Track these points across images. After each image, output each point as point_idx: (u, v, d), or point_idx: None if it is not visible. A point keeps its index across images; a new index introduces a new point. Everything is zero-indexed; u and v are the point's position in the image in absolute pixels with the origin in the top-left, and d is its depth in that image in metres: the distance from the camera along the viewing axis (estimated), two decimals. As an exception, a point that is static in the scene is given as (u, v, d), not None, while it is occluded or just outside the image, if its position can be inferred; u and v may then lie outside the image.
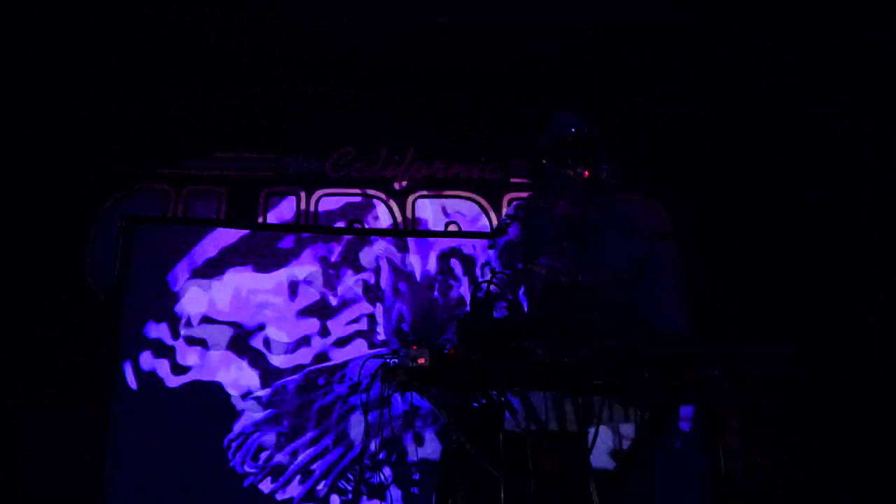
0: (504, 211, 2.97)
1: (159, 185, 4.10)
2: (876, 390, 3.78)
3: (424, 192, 4.24)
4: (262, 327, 3.73)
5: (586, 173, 2.64)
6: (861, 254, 4.05)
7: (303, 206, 4.15)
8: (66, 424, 3.43)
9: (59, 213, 3.87)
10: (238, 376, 3.64)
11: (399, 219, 4.18)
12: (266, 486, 3.51)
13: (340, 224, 4.13)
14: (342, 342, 3.77)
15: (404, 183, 4.24)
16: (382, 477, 3.40)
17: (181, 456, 3.45)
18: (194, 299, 3.74)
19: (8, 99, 3.95)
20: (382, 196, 4.21)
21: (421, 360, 1.74)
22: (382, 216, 4.18)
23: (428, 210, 4.23)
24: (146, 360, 3.61)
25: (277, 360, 3.69)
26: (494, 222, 4.11)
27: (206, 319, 3.72)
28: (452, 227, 4.17)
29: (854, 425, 3.71)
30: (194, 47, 4.01)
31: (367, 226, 4.13)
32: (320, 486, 3.54)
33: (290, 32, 3.98)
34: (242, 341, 3.70)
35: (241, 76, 4.18)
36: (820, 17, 3.73)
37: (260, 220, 4.09)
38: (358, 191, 4.22)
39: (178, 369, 3.61)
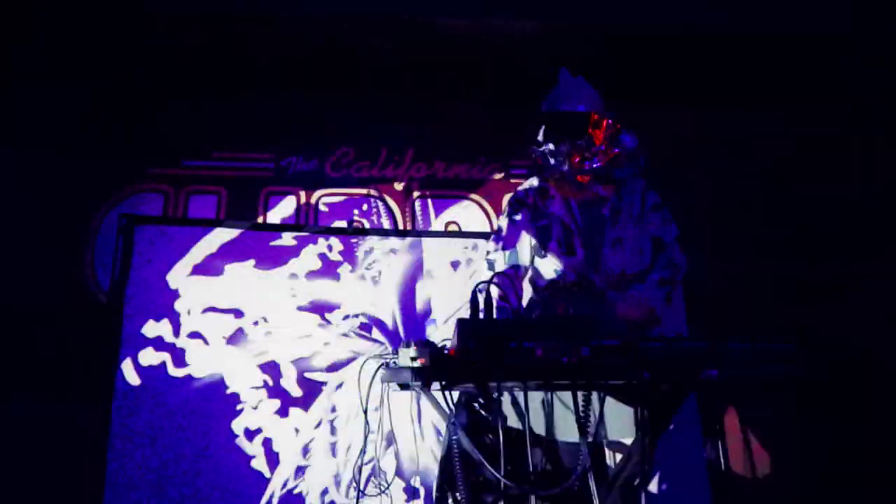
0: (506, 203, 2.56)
1: (159, 185, 4.11)
2: (876, 387, 3.78)
3: (425, 193, 4.25)
4: (262, 322, 3.74)
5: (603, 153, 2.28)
6: (861, 251, 4.06)
7: (303, 205, 4.16)
8: (66, 424, 3.43)
9: (58, 212, 3.87)
10: (238, 371, 3.64)
11: (399, 219, 4.18)
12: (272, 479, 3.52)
13: (341, 223, 4.13)
14: (341, 338, 3.77)
15: (404, 183, 4.24)
16: (383, 475, 3.40)
17: (183, 452, 3.46)
18: (194, 297, 3.74)
19: (8, 98, 3.95)
20: (382, 196, 4.21)
21: (421, 361, 1.74)
22: (382, 216, 4.19)
23: (428, 209, 4.24)
24: (147, 357, 3.61)
25: (278, 354, 3.70)
26: (494, 222, 4.10)
27: (206, 316, 3.73)
28: (452, 227, 4.18)
29: (854, 423, 3.71)
30: (195, 47, 4.02)
31: (366, 226, 4.14)
32: (323, 485, 3.54)
33: (290, 32, 3.98)
34: (242, 337, 3.71)
35: (240, 76, 4.17)
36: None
37: (260, 219, 4.10)
38: (358, 191, 4.22)
39: (179, 366, 3.62)
